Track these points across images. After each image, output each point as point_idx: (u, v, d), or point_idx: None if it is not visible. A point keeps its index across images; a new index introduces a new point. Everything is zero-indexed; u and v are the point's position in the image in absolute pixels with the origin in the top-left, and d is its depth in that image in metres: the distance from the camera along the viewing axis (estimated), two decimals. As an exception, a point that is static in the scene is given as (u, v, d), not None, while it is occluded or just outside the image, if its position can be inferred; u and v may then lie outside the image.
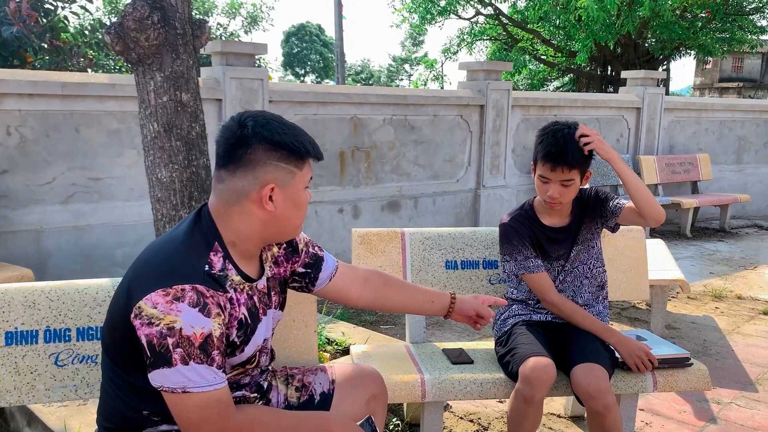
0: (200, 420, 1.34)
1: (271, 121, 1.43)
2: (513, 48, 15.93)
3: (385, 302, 1.87)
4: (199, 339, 1.31)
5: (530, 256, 2.39)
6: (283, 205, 1.44)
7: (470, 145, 6.51)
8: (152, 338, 1.30)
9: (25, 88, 4.06)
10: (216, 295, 1.36)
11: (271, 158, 1.41)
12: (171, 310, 1.30)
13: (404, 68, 46.29)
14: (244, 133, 1.41)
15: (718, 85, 31.49)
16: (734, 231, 7.90)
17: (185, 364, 1.30)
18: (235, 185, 1.43)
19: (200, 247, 1.42)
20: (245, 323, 1.47)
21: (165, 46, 2.91)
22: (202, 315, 1.32)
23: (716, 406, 3.10)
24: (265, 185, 1.41)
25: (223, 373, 1.37)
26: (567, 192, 2.32)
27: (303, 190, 1.48)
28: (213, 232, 1.45)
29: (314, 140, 1.50)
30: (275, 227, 1.47)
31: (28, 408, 2.61)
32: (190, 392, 1.31)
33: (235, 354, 1.47)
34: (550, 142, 2.27)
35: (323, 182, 5.56)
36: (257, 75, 4.98)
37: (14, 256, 4.06)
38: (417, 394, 2.29)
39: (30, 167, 4.17)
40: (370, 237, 2.67)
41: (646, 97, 7.76)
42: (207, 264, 1.40)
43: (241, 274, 1.47)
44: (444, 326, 4.27)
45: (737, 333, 4.18)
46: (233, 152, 1.41)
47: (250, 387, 1.60)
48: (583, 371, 2.14)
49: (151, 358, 1.32)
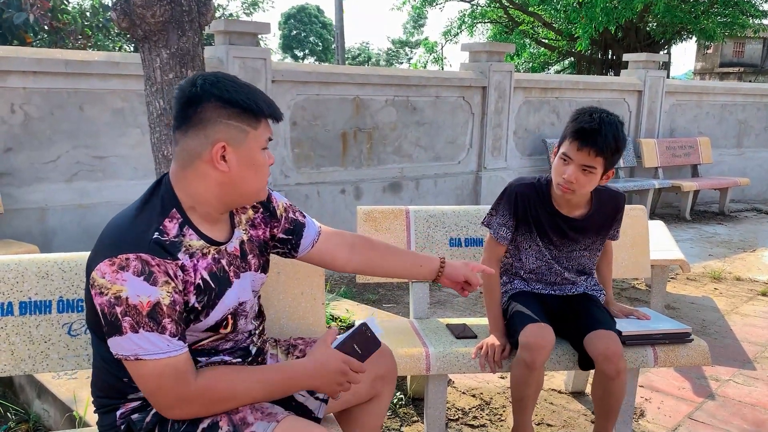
0: (157, 387, 1.34)
1: (222, 80, 1.41)
2: (514, 31, 15.84)
3: (374, 267, 1.85)
4: (146, 307, 1.31)
5: (506, 226, 2.36)
6: (237, 166, 1.41)
7: (472, 127, 6.52)
8: (104, 307, 1.32)
9: (29, 66, 4.06)
10: (163, 263, 1.35)
11: (221, 116, 1.39)
12: (117, 279, 1.31)
13: (404, 51, 46.06)
14: (194, 91, 1.38)
15: (718, 70, 31.37)
16: (733, 214, 7.94)
17: (135, 332, 1.31)
18: (188, 146, 1.41)
19: (153, 214, 1.41)
20: (206, 288, 1.45)
21: (171, 22, 2.91)
22: (148, 284, 1.32)
23: (715, 383, 3.15)
24: (216, 143, 1.39)
25: (179, 341, 1.36)
26: (584, 180, 2.17)
27: (259, 151, 1.44)
28: (171, 197, 1.44)
29: (271, 100, 1.46)
30: (233, 189, 1.44)
31: (38, 380, 2.65)
32: (143, 359, 1.32)
33: (199, 319, 1.45)
34: (585, 120, 2.15)
35: (325, 163, 5.58)
36: (260, 54, 4.98)
37: (20, 234, 4.08)
38: (422, 367, 2.33)
39: (34, 145, 4.18)
40: (375, 214, 2.69)
41: (647, 80, 7.76)
42: (157, 231, 1.39)
43: (204, 237, 1.46)
44: (446, 304, 4.31)
45: (736, 313, 4.23)
46: (185, 112, 1.40)
47: (232, 352, 1.57)
48: (600, 335, 2.20)
49: (105, 327, 1.34)
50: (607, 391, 2.26)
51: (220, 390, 1.39)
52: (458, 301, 4.39)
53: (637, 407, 2.88)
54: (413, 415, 2.75)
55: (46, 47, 8.98)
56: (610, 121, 2.15)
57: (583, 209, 2.36)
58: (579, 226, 2.36)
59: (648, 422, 2.77)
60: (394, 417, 2.73)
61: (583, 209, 2.36)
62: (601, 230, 2.41)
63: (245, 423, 1.39)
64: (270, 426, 1.38)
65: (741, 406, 2.92)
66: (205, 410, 1.39)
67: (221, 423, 1.39)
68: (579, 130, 2.14)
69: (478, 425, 2.71)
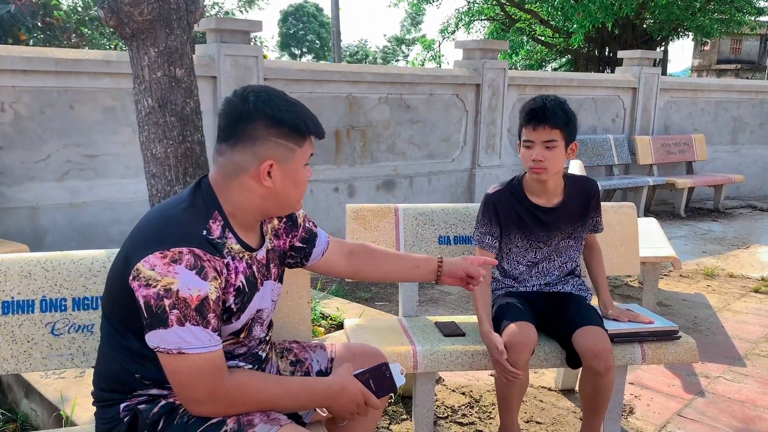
0: (194, 381, 1.36)
1: (274, 98, 1.44)
2: (511, 28, 15.84)
3: (371, 272, 1.90)
4: (195, 301, 1.33)
5: (489, 234, 2.43)
6: (282, 182, 1.46)
7: (466, 125, 6.52)
8: (149, 299, 1.32)
9: (19, 65, 4.05)
10: (213, 259, 1.38)
11: (271, 135, 1.42)
12: (168, 272, 1.32)
13: (401, 49, 46.02)
14: (246, 108, 1.41)
15: (716, 66, 31.38)
16: (728, 211, 7.94)
17: (181, 325, 1.32)
18: (235, 159, 1.44)
19: (200, 213, 1.44)
20: (243, 290, 1.49)
21: (159, 20, 2.90)
22: (199, 277, 1.34)
23: (705, 380, 3.16)
24: (264, 161, 1.42)
25: (218, 337, 1.39)
26: (551, 156, 2.29)
27: (302, 167, 1.49)
28: (213, 201, 1.47)
29: (316, 118, 1.51)
30: (274, 202, 1.49)
31: (26, 380, 2.65)
32: (186, 353, 1.33)
33: (231, 321, 1.49)
34: (530, 104, 2.33)
35: (318, 161, 5.57)
36: (252, 52, 4.96)
37: (11, 233, 4.08)
38: (409, 366, 2.32)
39: (25, 144, 4.17)
40: (364, 212, 2.69)
41: (642, 77, 7.76)
42: (205, 230, 1.42)
43: (240, 242, 1.49)
44: (438, 302, 4.31)
45: (728, 310, 4.23)
46: (234, 127, 1.42)
47: (245, 357, 1.61)
48: (588, 332, 2.22)
49: (148, 319, 1.34)
50: (595, 388, 2.27)
51: (248, 392, 1.42)
52: (451, 299, 4.39)
53: (627, 404, 2.89)
54: (402, 413, 2.75)
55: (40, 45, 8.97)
56: (553, 98, 2.34)
57: (559, 197, 2.44)
58: (557, 213, 2.44)
59: (637, 419, 2.77)
60: (383, 415, 2.73)
61: (558, 197, 2.44)
62: (579, 216, 2.48)
63: (250, 424, 1.42)
64: (272, 429, 1.41)
65: (730, 403, 2.92)
66: (231, 410, 1.41)
67: (228, 420, 1.41)
68: (528, 112, 2.32)
69: (467, 423, 2.71)
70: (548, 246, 2.46)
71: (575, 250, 2.52)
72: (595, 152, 7.29)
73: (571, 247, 2.50)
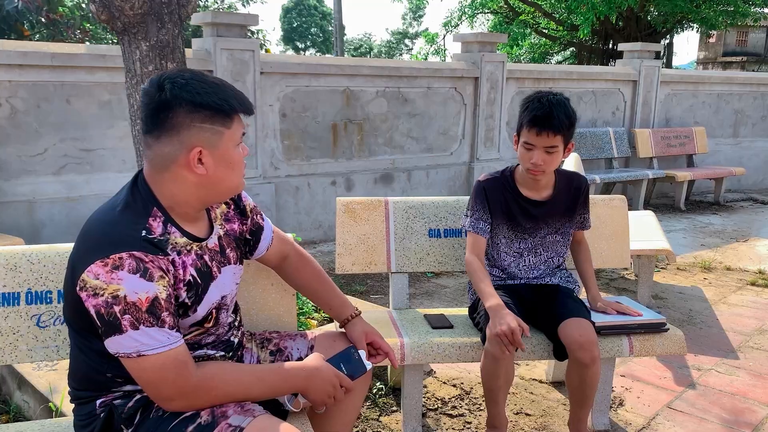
0: (159, 380, 1.36)
1: (191, 81, 1.37)
2: (514, 21, 15.78)
3: (294, 283, 1.93)
4: (145, 303, 1.32)
5: (482, 219, 2.43)
6: (215, 167, 1.41)
7: (464, 118, 6.51)
8: (99, 308, 1.31)
9: (15, 59, 4.06)
10: (156, 259, 1.36)
11: (194, 120, 1.37)
12: (113, 279, 1.30)
13: (404, 43, 45.89)
14: (163, 97, 1.35)
15: (721, 59, 31.16)
16: (729, 204, 7.92)
17: (135, 329, 1.31)
18: (162, 151, 1.39)
19: (138, 213, 1.41)
20: (195, 283, 1.47)
21: (150, 15, 2.91)
22: (144, 280, 1.32)
23: (696, 373, 3.16)
24: (192, 149, 1.37)
25: (177, 333, 1.38)
26: (550, 160, 2.30)
27: (235, 148, 1.44)
28: (150, 197, 1.44)
29: (241, 93, 1.44)
30: (211, 189, 1.45)
31: (19, 372, 2.67)
32: (145, 355, 1.33)
33: (188, 314, 1.48)
34: (536, 107, 2.28)
35: (316, 154, 5.58)
36: (248, 46, 4.97)
37: (7, 227, 4.10)
38: (397, 357, 2.33)
39: (21, 138, 4.19)
40: (354, 206, 2.70)
41: (642, 70, 7.73)
42: (145, 230, 1.39)
43: (186, 235, 1.47)
44: (433, 295, 4.32)
45: (723, 303, 4.23)
46: (155, 118, 1.37)
47: (215, 345, 1.60)
48: (574, 323, 2.23)
49: (102, 328, 1.34)
50: (581, 379, 2.28)
51: (218, 384, 1.42)
52: (446, 292, 4.40)
53: (617, 396, 2.89)
54: (392, 405, 2.76)
55: (44, 40, 8.99)
56: (558, 101, 2.29)
57: (549, 191, 2.45)
58: (546, 207, 2.44)
59: (626, 411, 2.78)
60: (373, 407, 2.74)
61: (548, 191, 2.45)
62: (567, 211, 2.49)
63: (224, 415, 1.41)
64: (246, 420, 1.40)
65: (721, 395, 2.93)
66: (203, 403, 1.41)
67: (202, 413, 1.42)
68: (533, 118, 2.27)
69: (456, 415, 2.72)
70: (533, 238, 2.47)
71: (562, 245, 2.53)
72: (594, 145, 7.27)
73: (558, 242, 2.51)
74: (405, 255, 2.70)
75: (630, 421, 2.70)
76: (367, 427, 2.59)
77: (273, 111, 5.29)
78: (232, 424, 1.39)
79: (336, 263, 2.64)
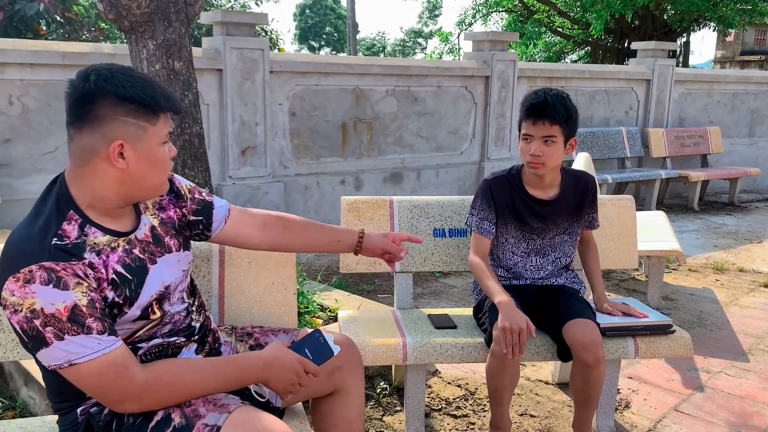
0: (100, 386, 1.33)
1: (117, 74, 1.35)
2: (529, 20, 15.70)
3: (289, 244, 1.84)
4: (64, 313, 1.28)
5: (487, 220, 2.42)
6: (136, 163, 1.38)
7: (475, 117, 6.48)
8: (22, 324, 1.29)
9: (27, 58, 4.10)
10: (69, 266, 1.32)
11: (117, 113, 1.34)
12: (26, 293, 1.28)
13: (418, 42, 45.84)
14: (88, 87, 1.33)
15: (739, 58, 30.81)
16: (743, 205, 7.82)
17: (60, 339, 1.28)
18: (83, 143, 1.36)
19: (50, 219, 1.37)
20: (123, 280, 1.43)
21: (157, 14, 2.93)
22: (59, 289, 1.29)
23: (705, 375, 3.12)
24: (113, 142, 1.35)
25: (109, 337, 1.34)
26: (549, 152, 2.28)
27: (159, 146, 1.41)
28: (66, 200, 1.40)
29: (169, 92, 1.43)
30: (132, 185, 1.42)
31: (25, 369, 2.69)
32: (77, 363, 1.30)
33: (124, 312, 1.43)
34: (532, 98, 2.31)
35: (325, 153, 5.58)
36: (258, 45, 4.98)
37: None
38: (399, 357, 2.33)
39: (32, 136, 4.23)
40: (359, 205, 2.69)
41: (656, 69, 7.65)
42: (56, 237, 1.35)
43: (109, 232, 1.43)
44: (441, 295, 4.31)
45: (735, 305, 4.17)
46: (78, 109, 1.34)
47: (174, 333, 1.56)
48: (578, 324, 2.21)
49: (29, 343, 1.31)
50: (585, 380, 2.26)
51: (168, 381, 1.38)
52: (454, 292, 4.38)
53: (623, 399, 2.87)
54: (396, 405, 2.76)
55: (60, 39, 9.07)
56: (555, 93, 2.31)
57: (555, 190, 2.43)
58: (553, 206, 2.42)
59: (632, 414, 2.75)
60: (377, 406, 2.74)
61: (555, 190, 2.43)
62: (575, 211, 2.46)
63: (197, 415, 1.39)
64: (222, 417, 1.37)
65: (729, 398, 2.89)
66: (156, 403, 1.39)
67: (174, 416, 1.39)
68: (529, 107, 2.29)
69: (460, 415, 2.71)
70: (542, 239, 2.45)
71: (570, 245, 2.51)
72: (607, 145, 7.21)
73: (565, 242, 2.49)
74: (409, 254, 2.69)
75: (635, 423, 2.67)
76: (370, 427, 2.59)
77: (282, 110, 5.30)
78: (208, 424, 1.36)
79: (340, 262, 2.63)
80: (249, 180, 5.13)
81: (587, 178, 2.51)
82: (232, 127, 4.98)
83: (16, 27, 8.47)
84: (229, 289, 2.03)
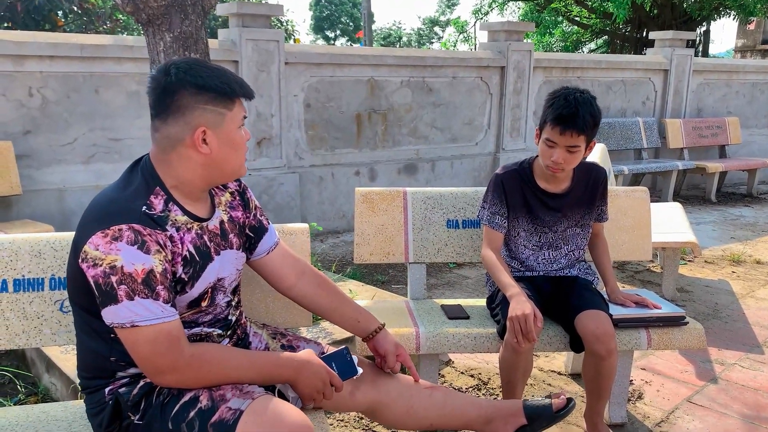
0: (152, 353, 1.40)
1: (195, 66, 1.47)
2: (546, 9, 15.55)
3: (315, 302, 1.84)
4: (141, 275, 1.37)
5: (499, 214, 2.42)
6: (218, 147, 1.49)
7: (490, 108, 6.47)
8: (98, 278, 1.38)
9: (46, 51, 4.16)
10: (154, 233, 1.42)
11: (198, 102, 1.45)
12: (111, 249, 1.37)
13: (434, 31, 45.60)
14: (169, 80, 1.44)
15: (760, 47, 30.22)
16: (762, 196, 7.74)
17: (130, 299, 1.37)
18: (169, 133, 1.48)
19: (140, 189, 1.48)
20: (192, 260, 1.52)
21: (173, 6, 2.96)
22: (142, 252, 1.38)
23: (719, 367, 3.11)
24: (197, 129, 1.46)
25: (171, 308, 1.42)
26: (571, 159, 2.27)
27: (237, 130, 1.52)
28: (154, 177, 1.51)
29: (242, 80, 1.53)
30: (215, 169, 1.52)
31: (47, 355, 2.76)
32: (139, 326, 1.38)
33: (185, 290, 1.52)
34: (561, 105, 2.23)
35: (339, 144, 5.61)
36: (273, 36, 5.00)
37: (39, 215, 4.22)
38: (412, 347, 2.35)
39: (52, 128, 4.30)
40: (372, 196, 2.71)
41: (674, 59, 7.57)
42: (145, 205, 1.46)
43: (187, 213, 1.53)
44: (455, 286, 4.33)
45: (751, 297, 4.15)
46: (162, 101, 1.46)
47: (213, 323, 1.63)
48: (591, 315, 2.22)
49: (99, 298, 1.39)
50: (597, 371, 2.27)
51: (210, 360, 1.46)
52: (468, 283, 4.40)
53: (636, 390, 2.87)
54: (409, 394, 2.78)
55: (77, 30, 9.16)
56: (584, 100, 2.23)
57: (567, 183, 2.44)
58: (565, 199, 2.43)
59: (645, 405, 2.76)
60: (390, 395, 2.76)
61: (566, 183, 2.44)
62: (587, 203, 2.47)
63: (223, 399, 1.45)
64: (245, 402, 1.44)
65: (743, 390, 2.88)
66: (194, 380, 1.46)
67: (201, 398, 1.46)
68: (558, 116, 2.22)
69: (473, 405, 2.73)
70: (554, 232, 2.46)
71: (582, 238, 2.51)
72: (623, 136, 7.16)
73: (578, 235, 2.49)
74: (423, 246, 2.71)
75: (648, 414, 2.68)
76: (383, 415, 2.62)
77: (297, 101, 5.32)
78: (231, 407, 1.43)
79: (354, 253, 2.66)
80: (264, 171, 5.17)
81: (598, 170, 2.51)
82: (247, 119, 5.02)
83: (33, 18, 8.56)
84: (245, 279, 2.07)
